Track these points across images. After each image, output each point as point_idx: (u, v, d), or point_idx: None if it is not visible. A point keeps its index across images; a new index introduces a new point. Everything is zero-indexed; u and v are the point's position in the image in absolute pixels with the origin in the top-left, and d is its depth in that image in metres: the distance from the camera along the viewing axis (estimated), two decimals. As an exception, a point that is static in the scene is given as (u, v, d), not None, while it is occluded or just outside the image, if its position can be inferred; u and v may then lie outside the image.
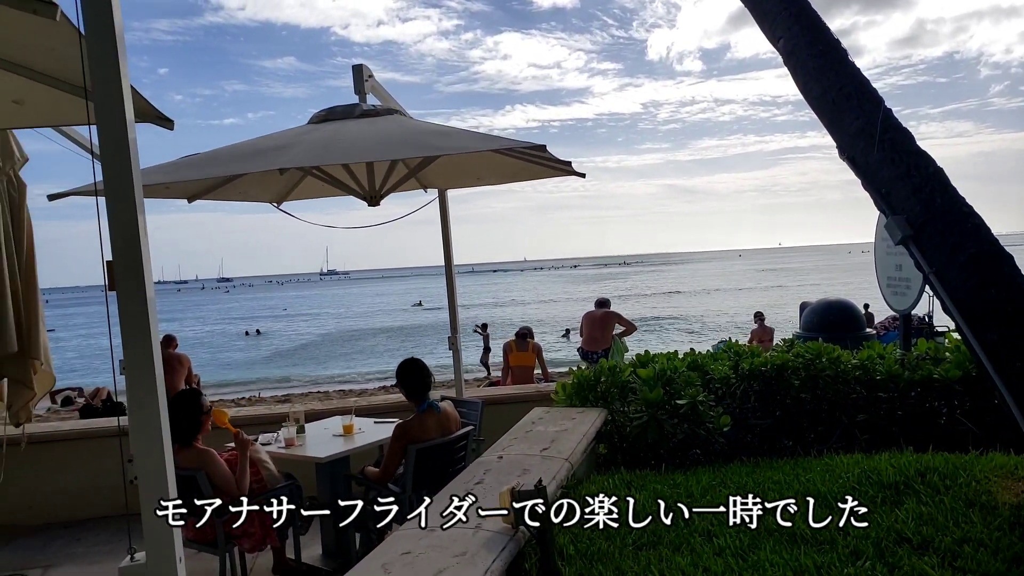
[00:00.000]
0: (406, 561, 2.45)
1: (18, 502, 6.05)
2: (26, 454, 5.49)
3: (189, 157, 4.32)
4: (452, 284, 6.45)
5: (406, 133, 4.15)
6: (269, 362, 33.83)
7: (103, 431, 6.55)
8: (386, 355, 33.05)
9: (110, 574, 4.79)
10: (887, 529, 2.91)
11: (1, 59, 2.59)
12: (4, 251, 4.57)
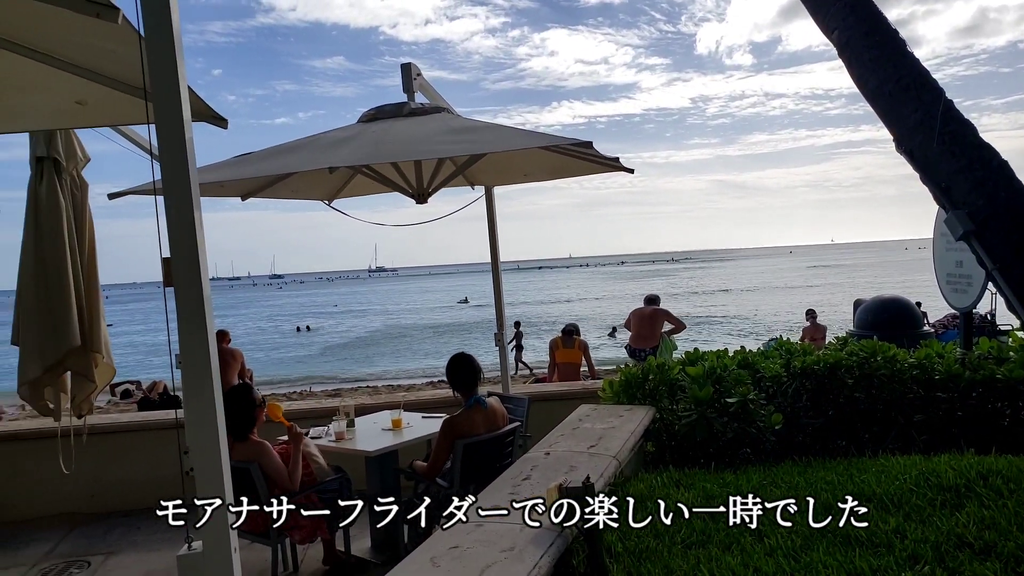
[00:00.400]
0: (454, 555, 2.47)
1: (81, 491, 6.27)
2: (88, 445, 5.65)
3: (243, 156, 4.41)
4: (499, 281, 6.46)
5: (454, 131, 4.17)
6: (319, 357, 34.39)
7: (160, 423, 6.75)
8: (432, 351, 33.31)
9: (168, 562, 4.94)
10: (947, 533, 2.83)
11: (65, 61, 2.67)
12: (67, 248, 4.72)
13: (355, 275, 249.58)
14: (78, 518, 6.21)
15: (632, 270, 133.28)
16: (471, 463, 4.36)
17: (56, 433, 5.10)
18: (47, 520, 6.12)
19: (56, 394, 4.91)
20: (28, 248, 4.67)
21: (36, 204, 4.69)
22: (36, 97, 3.04)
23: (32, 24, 2.46)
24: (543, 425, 4.75)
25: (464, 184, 5.92)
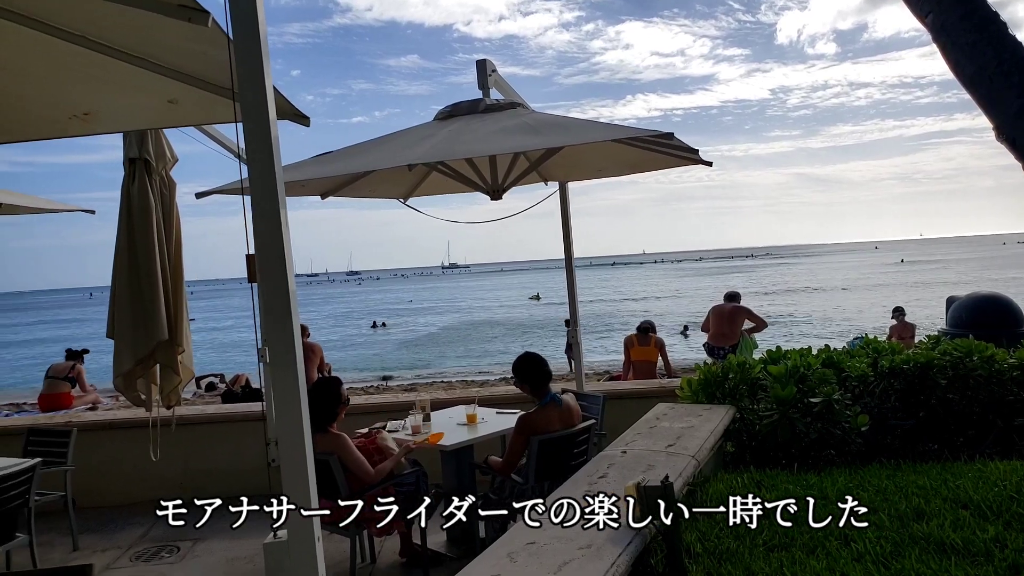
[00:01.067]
0: (531, 551, 2.46)
1: (169, 479, 6.54)
2: (176, 435, 5.89)
3: (323, 155, 4.51)
4: (572, 277, 6.43)
5: (529, 126, 4.17)
6: (394, 352, 34.99)
7: (243, 415, 6.98)
8: (504, 347, 33.45)
9: (251, 549, 5.11)
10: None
11: (158, 64, 2.79)
12: (156, 246, 4.92)
13: (428, 271, 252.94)
14: (168, 505, 6.49)
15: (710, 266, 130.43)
16: (546, 460, 4.35)
17: (147, 423, 5.34)
18: (140, 506, 6.41)
19: (148, 385, 5.13)
20: (121, 246, 4.89)
21: (128, 203, 4.91)
22: (131, 99, 3.18)
23: (127, 28, 2.57)
24: (618, 423, 4.70)
25: (538, 180, 5.91)
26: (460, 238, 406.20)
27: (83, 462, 5.85)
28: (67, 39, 2.58)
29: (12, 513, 4.62)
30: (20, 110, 3.14)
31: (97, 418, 7.42)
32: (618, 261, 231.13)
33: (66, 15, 2.49)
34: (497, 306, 63.56)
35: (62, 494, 5.58)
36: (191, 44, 2.56)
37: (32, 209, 6.25)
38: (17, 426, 6.81)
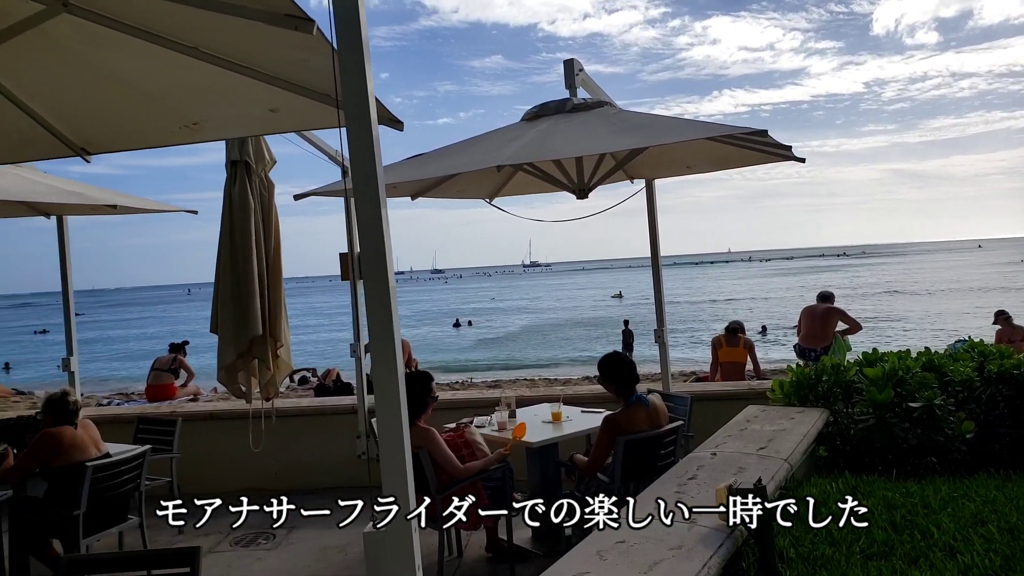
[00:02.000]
0: (621, 550, 2.47)
1: (267, 468, 6.82)
2: (275, 425, 6.14)
3: (414, 157, 4.63)
4: (659, 276, 6.36)
5: (618, 125, 4.16)
6: (478, 349, 35.38)
7: (335, 409, 7.21)
8: (587, 346, 33.33)
9: (342, 539, 5.27)
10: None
11: (262, 72, 2.92)
12: (255, 245, 5.14)
13: (510, 270, 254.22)
14: (265, 493, 6.74)
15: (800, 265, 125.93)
16: (632, 460, 4.33)
17: (246, 414, 5.59)
18: (238, 493, 6.69)
19: (248, 378, 5.37)
20: (223, 244, 5.14)
21: (230, 204, 5.15)
22: (236, 108, 3.34)
23: (235, 39, 2.71)
24: (706, 425, 4.64)
25: (624, 178, 5.89)
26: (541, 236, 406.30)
27: (186, 450, 6.16)
28: (180, 51, 2.74)
29: (125, 496, 4.92)
30: (136, 120, 3.34)
31: (199, 408, 7.81)
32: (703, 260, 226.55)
33: (179, 28, 2.64)
34: (579, 305, 63.32)
35: (168, 479, 5.90)
36: (293, 52, 2.67)
37: (142, 210, 6.63)
38: (128, 414, 7.24)
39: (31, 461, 4.58)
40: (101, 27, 2.59)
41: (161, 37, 2.68)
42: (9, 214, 6.50)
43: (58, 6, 2.44)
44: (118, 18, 2.57)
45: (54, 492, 4.61)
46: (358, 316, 6.81)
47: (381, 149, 2.04)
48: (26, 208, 6.32)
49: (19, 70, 2.89)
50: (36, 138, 3.15)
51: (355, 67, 1.95)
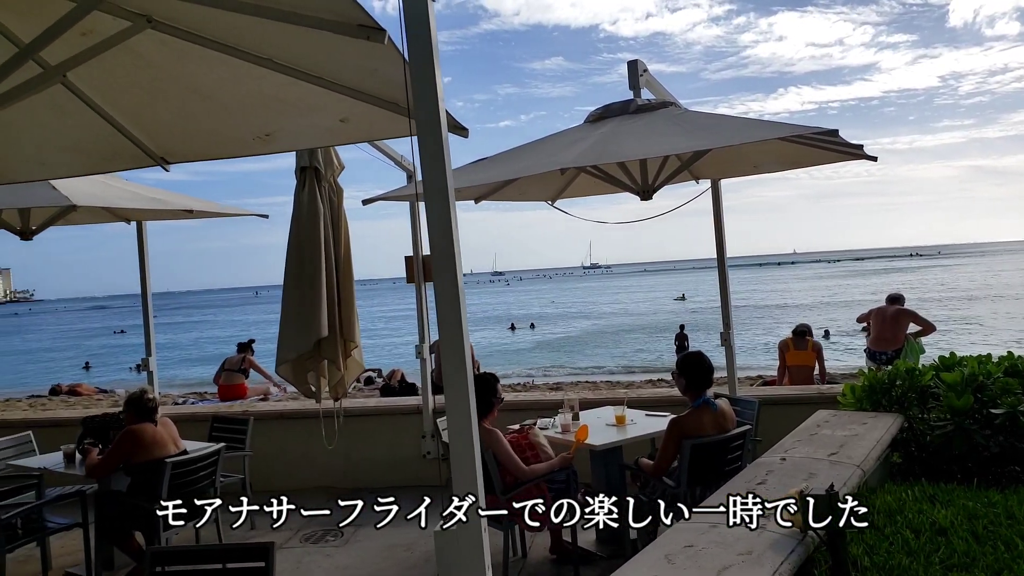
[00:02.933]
0: (689, 554, 2.45)
1: (336, 467, 6.98)
2: (343, 425, 6.27)
3: (478, 161, 4.68)
4: (725, 278, 6.27)
5: (684, 126, 4.13)
6: (538, 351, 35.37)
7: (402, 408, 7.34)
8: (649, 349, 32.99)
9: (408, 538, 5.36)
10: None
11: (332, 82, 2.99)
12: (323, 249, 5.26)
13: (569, 272, 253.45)
14: (333, 491, 6.92)
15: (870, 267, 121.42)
16: (699, 464, 4.28)
17: (315, 414, 5.73)
18: (307, 491, 6.88)
19: (317, 378, 5.50)
20: (292, 248, 5.28)
21: (299, 209, 5.29)
22: (307, 119, 3.43)
23: (306, 49, 2.79)
24: (774, 430, 4.56)
25: (688, 178, 5.82)
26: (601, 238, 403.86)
27: (257, 448, 6.35)
28: (255, 62, 2.84)
29: (201, 492, 5.10)
30: (212, 131, 3.47)
31: (270, 408, 8.04)
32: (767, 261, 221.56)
33: (255, 40, 2.74)
34: (641, 307, 62.72)
35: (241, 477, 6.08)
36: (363, 62, 2.74)
37: (217, 214, 6.87)
38: (203, 413, 7.50)
39: (115, 457, 4.79)
40: (182, 42, 2.70)
41: (237, 50, 2.78)
42: (93, 220, 6.81)
43: (143, 23, 2.55)
44: (198, 32, 2.67)
45: (136, 486, 4.82)
46: (423, 318, 6.92)
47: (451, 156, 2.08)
48: (108, 214, 6.62)
49: (107, 85, 3.03)
50: (122, 150, 3.30)
51: (426, 76, 1.99)
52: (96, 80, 2.99)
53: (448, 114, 2.89)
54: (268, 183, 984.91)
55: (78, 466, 5.07)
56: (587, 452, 4.91)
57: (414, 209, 6.76)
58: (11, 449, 5.76)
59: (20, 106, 2.53)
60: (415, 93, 2.00)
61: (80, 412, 8.99)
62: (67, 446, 5.31)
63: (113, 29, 2.53)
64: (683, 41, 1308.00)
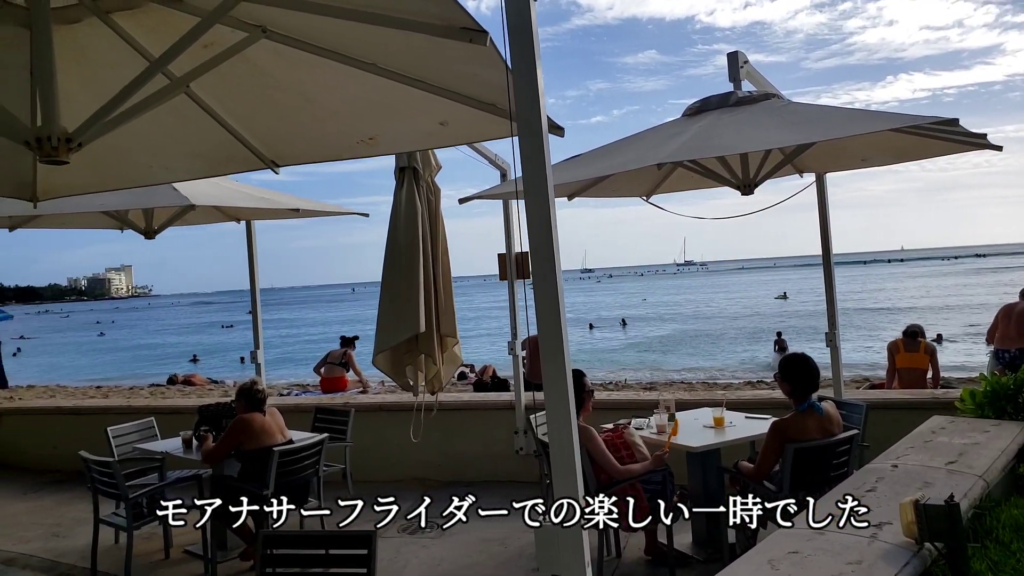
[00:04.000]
0: (794, 560, 2.38)
1: (431, 459, 7.13)
2: (437, 419, 6.40)
3: (572, 158, 4.67)
4: (830, 275, 6.03)
5: (788, 118, 4.00)
6: (630, 350, 35.00)
7: (494, 404, 7.41)
8: (748, 349, 32.08)
9: (501, 532, 5.42)
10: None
11: (433, 85, 3.06)
12: (420, 247, 5.37)
13: (662, 269, 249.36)
14: (427, 484, 7.07)
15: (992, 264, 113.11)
16: (802, 468, 4.15)
17: (412, 407, 5.86)
18: (404, 483, 7.06)
19: (415, 372, 5.63)
20: (390, 245, 5.43)
21: (397, 208, 5.43)
22: (408, 122, 3.51)
23: (408, 54, 2.86)
24: (883, 436, 4.37)
25: (791, 172, 5.63)
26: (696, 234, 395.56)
27: (357, 440, 6.54)
28: (360, 67, 2.93)
29: (306, 480, 5.31)
30: (319, 135, 3.60)
31: (369, 401, 8.29)
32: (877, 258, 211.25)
33: (361, 46, 2.83)
34: (738, 306, 61.07)
35: (342, 467, 6.29)
36: (463, 66, 2.78)
37: (321, 212, 7.12)
38: (306, 404, 7.80)
39: (228, 443, 5.05)
40: (293, 50, 2.82)
41: (344, 56, 2.88)
42: (206, 220, 7.19)
43: (258, 33, 2.68)
44: (308, 40, 2.78)
45: (246, 472, 5.06)
46: (515, 315, 6.97)
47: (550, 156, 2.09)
48: (220, 214, 6.97)
49: (223, 93, 3.20)
50: (236, 153, 3.47)
51: (527, 78, 2.01)
52: (214, 88, 3.16)
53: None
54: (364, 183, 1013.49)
55: (195, 451, 5.38)
56: (683, 454, 4.83)
57: (508, 207, 6.81)
58: (136, 434, 6.17)
59: (148, 115, 2.69)
60: (517, 95, 2.02)
61: (195, 401, 9.53)
62: (185, 433, 5.64)
63: (231, 40, 2.67)
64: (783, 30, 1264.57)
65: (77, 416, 8.84)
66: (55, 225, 6.97)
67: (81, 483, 6.36)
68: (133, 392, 15.15)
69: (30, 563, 5.46)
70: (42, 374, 32.28)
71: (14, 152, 3.20)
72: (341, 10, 2.40)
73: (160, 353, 45.42)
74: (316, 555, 3.14)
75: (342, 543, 3.12)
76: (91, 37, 2.85)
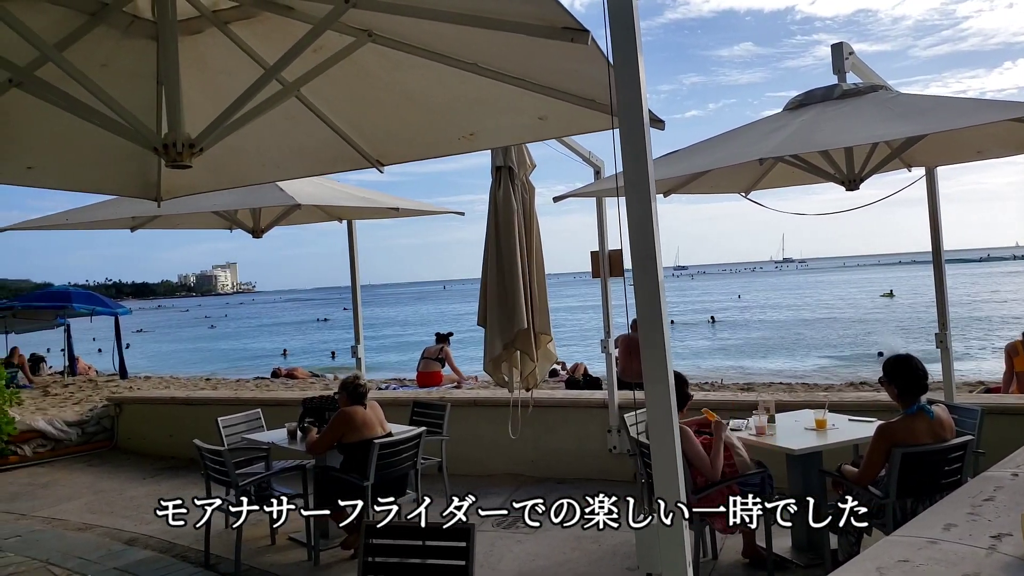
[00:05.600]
0: (904, 569, 2.29)
1: (524, 456, 7.19)
2: (531, 415, 6.45)
3: (671, 154, 4.62)
4: (941, 273, 5.74)
5: (897, 110, 3.84)
6: (726, 349, 34.19)
7: (587, 402, 7.39)
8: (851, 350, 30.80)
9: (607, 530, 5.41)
10: None
11: (533, 82, 3.10)
12: (518, 244, 5.43)
13: (759, 267, 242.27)
14: (521, 479, 7.13)
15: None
16: (910, 474, 3.97)
17: (507, 403, 5.93)
18: (498, 477, 7.14)
19: (511, 369, 5.70)
20: (489, 244, 5.51)
21: (495, 206, 5.51)
22: (507, 118, 3.57)
23: (509, 52, 2.91)
24: (1001, 443, 4.12)
25: (899, 166, 5.39)
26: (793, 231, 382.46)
27: (452, 434, 6.66)
28: (461, 67, 3.00)
29: (404, 473, 5.46)
30: (421, 134, 3.70)
31: (464, 396, 8.43)
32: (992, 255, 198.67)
33: (463, 47, 2.90)
34: (841, 304, 58.67)
35: (438, 460, 6.42)
36: (562, 62, 2.81)
37: (420, 212, 7.31)
38: (404, 398, 8.01)
39: (331, 435, 5.25)
40: (398, 52, 2.92)
41: (446, 56, 2.96)
42: (309, 220, 7.48)
43: (364, 37, 2.78)
44: (411, 43, 2.88)
45: (348, 464, 5.25)
46: (608, 313, 6.94)
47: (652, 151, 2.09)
48: (323, 213, 7.24)
49: (331, 95, 3.34)
50: (343, 153, 3.62)
51: (629, 73, 2.01)
52: (321, 90, 3.31)
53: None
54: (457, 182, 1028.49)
55: (299, 443, 5.61)
56: (783, 456, 4.71)
57: (601, 204, 6.79)
58: (244, 424, 6.49)
59: (262, 117, 2.84)
60: (619, 90, 2.03)
61: (297, 393, 9.94)
62: (290, 424, 5.89)
63: (339, 45, 2.78)
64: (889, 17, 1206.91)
65: (189, 406, 9.38)
66: (171, 226, 7.42)
67: (194, 470, 6.75)
68: (240, 384, 15.92)
69: (149, 543, 5.83)
70: (157, 364, 34.34)
71: (141, 154, 3.44)
72: (445, 14, 2.47)
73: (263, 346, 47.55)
74: (416, 546, 3.23)
75: (442, 535, 3.20)
76: (210, 46, 3.03)
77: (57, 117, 2.83)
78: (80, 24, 2.67)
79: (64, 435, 9.12)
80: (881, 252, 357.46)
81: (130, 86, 3.06)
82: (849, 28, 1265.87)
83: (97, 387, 13.00)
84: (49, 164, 3.58)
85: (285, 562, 5.41)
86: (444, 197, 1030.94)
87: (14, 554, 5.73)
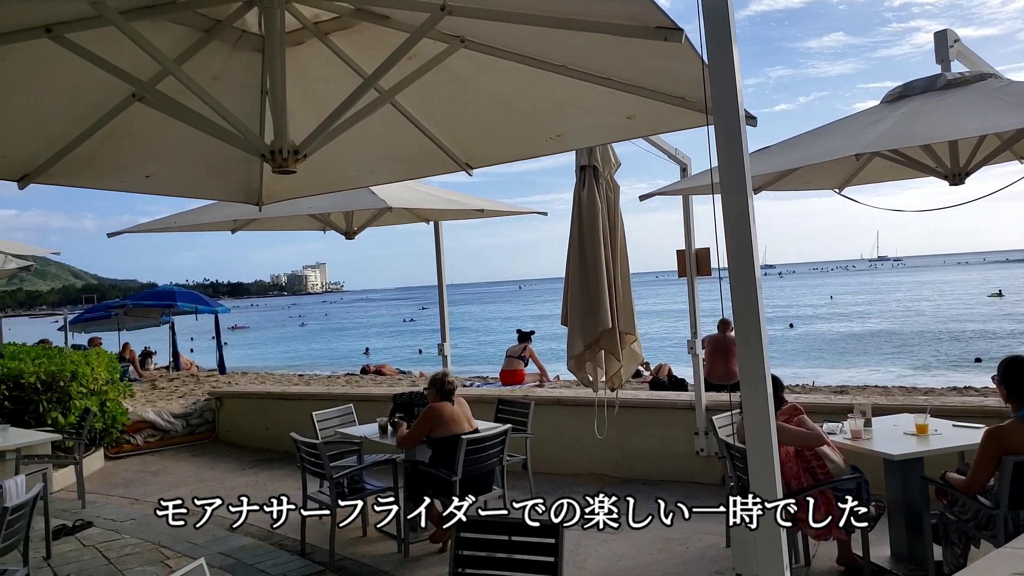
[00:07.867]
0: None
1: (608, 456, 7.16)
2: (616, 415, 6.42)
3: (762, 150, 4.52)
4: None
5: (1008, 100, 3.65)
6: (815, 351, 33.08)
7: (674, 403, 7.30)
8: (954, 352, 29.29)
9: (682, 532, 5.35)
10: None
11: (621, 82, 3.10)
12: (602, 243, 5.43)
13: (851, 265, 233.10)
14: (605, 479, 7.11)
15: None
16: (1022, 483, 3.77)
17: (591, 402, 5.92)
18: (581, 476, 7.15)
19: (595, 368, 5.70)
20: (573, 242, 5.53)
21: (579, 205, 5.52)
22: (594, 118, 3.58)
23: (597, 53, 2.92)
24: None
25: (1010, 159, 5.11)
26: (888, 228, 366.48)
27: (535, 432, 6.68)
28: (549, 69, 3.03)
29: (490, 469, 5.54)
30: (510, 136, 3.76)
31: (547, 394, 8.46)
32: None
33: (551, 49, 2.93)
34: (943, 304, 55.78)
35: (523, 457, 6.47)
36: (652, 60, 2.80)
37: (503, 212, 7.39)
38: (489, 396, 8.09)
39: (420, 430, 5.37)
40: (488, 56, 2.98)
41: (534, 59, 2.99)
42: (398, 221, 7.67)
43: (457, 43, 2.85)
44: (503, 47, 2.93)
45: (436, 458, 5.36)
46: (695, 313, 6.84)
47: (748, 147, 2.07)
48: (411, 215, 7.41)
49: (423, 101, 3.43)
50: (434, 157, 3.71)
51: (724, 71, 2.00)
52: (414, 96, 3.40)
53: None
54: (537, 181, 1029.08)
55: (390, 437, 5.77)
56: (880, 462, 4.54)
57: (687, 202, 6.70)
58: (337, 418, 6.72)
59: (359, 124, 2.95)
60: (713, 87, 2.02)
61: (386, 389, 10.19)
62: (381, 419, 6.06)
63: (432, 52, 2.86)
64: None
65: (284, 401, 9.75)
66: (268, 228, 7.75)
67: (289, 462, 7.00)
68: (331, 380, 16.43)
69: (249, 531, 6.09)
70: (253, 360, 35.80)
71: (246, 161, 3.62)
72: (537, 17, 2.50)
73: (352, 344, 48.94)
74: (505, 541, 3.27)
75: (530, 531, 3.23)
76: (311, 56, 3.16)
77: (172, 128, 3.02)
78: (195, 40, 2.84)
79: (171, 426, 9.66)
80: (986, 249, 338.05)
81: (238, 97, 3.23)
82: (950, 13, 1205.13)
83: (199, 382, 13.65)
84: (165, 173, 3.82)
85: (376, 553, 5.57)
86: (524, 197, 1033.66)
87: (130, 536, 6.11)
